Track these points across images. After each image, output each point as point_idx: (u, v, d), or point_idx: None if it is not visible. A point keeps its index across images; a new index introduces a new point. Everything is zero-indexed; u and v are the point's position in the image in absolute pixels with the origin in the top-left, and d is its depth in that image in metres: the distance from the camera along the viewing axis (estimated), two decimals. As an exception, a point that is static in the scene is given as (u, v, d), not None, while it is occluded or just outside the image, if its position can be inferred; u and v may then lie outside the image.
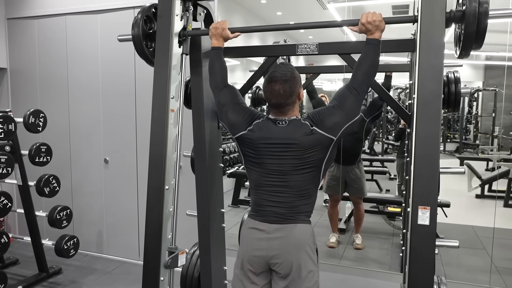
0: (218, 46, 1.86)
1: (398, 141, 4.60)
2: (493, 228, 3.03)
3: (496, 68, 5.19)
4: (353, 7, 3.91)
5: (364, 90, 1.64)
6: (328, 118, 1.61)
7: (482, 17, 1.54)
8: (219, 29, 1.85)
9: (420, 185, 1.55)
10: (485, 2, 1.54)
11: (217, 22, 1.88)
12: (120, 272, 3.55)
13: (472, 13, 1.53)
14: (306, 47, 1.97)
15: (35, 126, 3.13)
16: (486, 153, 5.52)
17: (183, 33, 2.02)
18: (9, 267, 3.58)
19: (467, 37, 1.58)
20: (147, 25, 2.07)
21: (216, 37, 1.86)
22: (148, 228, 1.96)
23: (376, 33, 1.63)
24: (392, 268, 3.32)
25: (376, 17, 1.62)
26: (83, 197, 3.91)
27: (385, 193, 5.13)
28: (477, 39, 1.58)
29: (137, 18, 2.03)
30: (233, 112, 1.74)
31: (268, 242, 1.63)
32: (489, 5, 1.54)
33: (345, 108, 1.60)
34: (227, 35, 1.86)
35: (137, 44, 2.04)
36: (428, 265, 1.54)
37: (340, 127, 1.60)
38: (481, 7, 1.53)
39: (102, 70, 3.68)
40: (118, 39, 2.20)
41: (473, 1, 1.54)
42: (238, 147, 1.76)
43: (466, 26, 1.56)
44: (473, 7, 1.53)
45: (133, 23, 2.03)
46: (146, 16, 2.06)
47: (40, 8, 3.88)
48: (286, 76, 1.62)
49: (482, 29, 1.55)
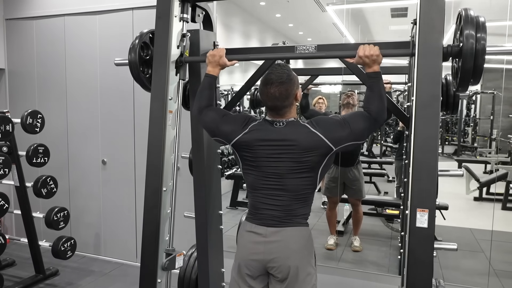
0: (212, 74, 1.82)
1: (397, 144, 4.60)
2: (491, 231, 3.03)
3: (494, 71, 5.20)
4: (352, 10, 3.92)
5: (380, 122, 1.63)
6: (334, 129, 1.60)
7: (479, 54, 1.53)
8: (216, 57, 1.81)
9: (419, 188, 1.55)
10: (482, 39, 1.53)
11: (215, 50, 1.85)
12: (118, 274, 3.53)
13: (469, 50, 1.52)
14: (305, 49, 1.97)
15: (32, 127, 3.12)
16: (484, 156, 5.53)
17: (180, 59, 2.01)
18: (6, 268, 3.56)
19: (464, 73, 1.57)
20: (143, 52, 2.06)
21: (213, 65, 1.82)
22: (146, 230, 1.95)
23: (374, 66, 1.62)
24: (390, 270, 3.32)
25: (373, 51, 1.60)
26: (80, 199, 3.89)
27: (384, 196, 5.13)
28: (475, 75, 1.57)
29: (134, 43, 2.02)
30: (225, 123, 1.72)
31: (265, 245, 1.62)
32: (486, 41, 1.53)
33: (354, 129, 1.60)
34: (225, 63, 1.82)
35: (133, 70, 2.03)
36: (426, 268, 1.54)
37: (343, 142, 1.60)
38: (478, 44, 1.52)
39: (101, 71, 3.68)
40: (115, 63, 2.19)
41: (470, 37, 1.52)
42: (236, 154, 1.73)
43: (463, 62, 1.56)
44: (470, 44, 1.52)
45: (130, 48, 2.02)
46: (143, 42, 2.05)
47: (39, 9, 3.87)
48: (282, 78, 1.60)
49: (479, 65, 1.54)
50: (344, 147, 1.61)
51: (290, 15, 5.01)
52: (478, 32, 1.53)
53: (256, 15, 5.01)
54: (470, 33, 1.53)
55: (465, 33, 1.54)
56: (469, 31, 1.53)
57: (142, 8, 3.41)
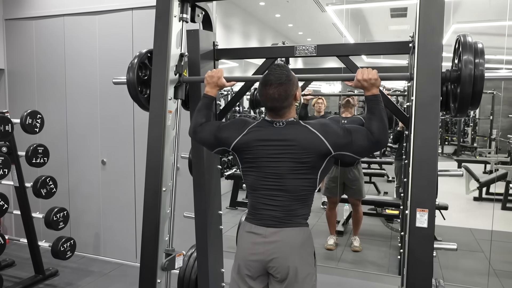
0: (210, 95, 1.83)
1: (396, 144, 4.60)
2: (491, 231, 3.02)
3: (494, 70, 5.20)
4: (351, 10, 3.92)
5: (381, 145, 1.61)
6: (334, 133, 1.60)
7: (477, 80, 1.53)
8: (214, 78, 1.81)
9: (418, 188, 1.55)
10: (480, 65, 1.53)
11: (213, 71, 1.84)
12: (117, 274, 3.53)
13: (468, 76, 1.53)
14: (304, 49, 1.97)
15: (32, 127, 3.12)
16: (484, 156, 5.53)
17: (178, 80, 2.01)
18: (5, 269, 3.56)
19: (463, 99, 1.58)
20: (142, 72, 2.06)
21: (211, 86, 1.82)
22: (145, 230, 1.95)
23: (373, 90, 1.62)
24: (390, 270, 3.32)
25: (371, 75, 1.61)
26: (80, 199, 3.89)
27: (383, 196, 5.13)
28: (473, 101, 1.57)
29: (132, 63, 2.02)
30: (222, 131, 1.73)
31: (265, 246, 1.62)
32: (484, 68, 1.53)
33: (355, 142, 1.59)
34: (223, 84, 1.83)
35: (131, 89, 2.03)
36: (426, 268, 1.54)
37: (341, 149, 1.60)
38: (476, 70, 1.52)
39: (100, 71, 3.68)
40: (113, 82, 2.19)
41: (469, 63, 1.53)
42: (236, 157, 1.72)
43: (461, 88, 1.56)
44: (469, 69, 1.52)
45: (129, 67, 2.02)
46: (141, 62, 2.04)
47: (38, 9, 3.87)
48: (281, 79, 1.60)
49: (478, 91, 1.54)
50: (341, 155, 1.61)
51: (289, 15, 5.01)
52: (477, 58, 1.53)
53: (256, 15, 5.02)
54: (469, 59, 1.53)
55: (463, 59, 1.54)
56: (467, 57, 1.54)
57: (141, 8, 3.41)
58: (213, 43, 2.20)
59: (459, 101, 1.59)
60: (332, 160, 1.64)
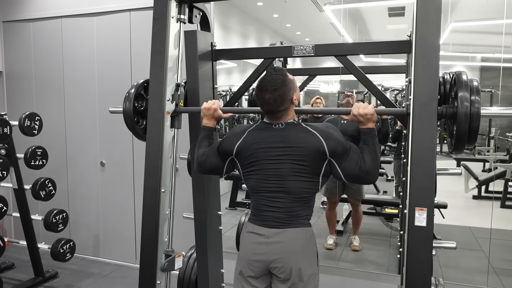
0: (209, 126, 1.85)
1: (395, 143, 4.60)
2: (490, 229, 3.03)
3: (492, 69, 5.21)
4: (349, 9, 3.92)
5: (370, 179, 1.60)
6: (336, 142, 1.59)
7: (474, 118, 1.53)
8: (211, 110, 1.83)
9: (417, 187, 1.55)
10: (476, 102, 1.53)
11: (209, 103, 1.85)
12: (117, 276, 3.53)
13: (464, 113, 1.53)
14: (302, 49, 1.98)
15: (30, 129, 3.11)
16: (483, 154, 5.53)
17: (175, 110, 2.01)
18: (5, 271, 3.56)
19: (459, 136, 1.57)
20: (138, 102, 2.06)
21: (208, 118, 1.84)
22: (145, 231, 1.95)
23: (369, 124, 1.63)
24: (390, 269, 3.32)
25: (367, 110, 1.61)
26: (79, 201, 3.89)
27: (383, 195, 5.13)
28: (470, 138, 1.57)
29: (129, 92, 2.03)
30: (222, 144, 1.74)
31: (268, 246, 1.62)
32: (480, 105, 1.53)
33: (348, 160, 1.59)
34: (219, 115, 1.85)
35: (127, 120, 2.03)
36: (426, 267, 1.54)
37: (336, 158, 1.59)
38: (472, 107, 1.52)
39: (98, 72, 3.67)
40: (110, 111, 2.20)
41: (465, 100, 1.53)
42: (238, 164, 1.72)
43: (458, 125, 1.56)
44: (465, 107, 1.52)
45: (125, 97, 2.03)
46: (138, 93, 2.04)
47: (36, 11, 3.87)
48: (276, 85, 1.59)
49: (474, 129, 1.54)
50: (333, 166, 1.60)
51: (287, 15, 5.01)
52: (472, 96, 1.53)
53: (254, 15, 5.01)
54: (465, 96, 1.53)
55: (459, 97, 1.54)
56: (463, 94, 1.53)
57: (139, 9, 3.41)
58: (211, 43, 2.20)
59: (456, 138, 1.59)
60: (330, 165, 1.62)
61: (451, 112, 1.61)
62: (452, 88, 1.67)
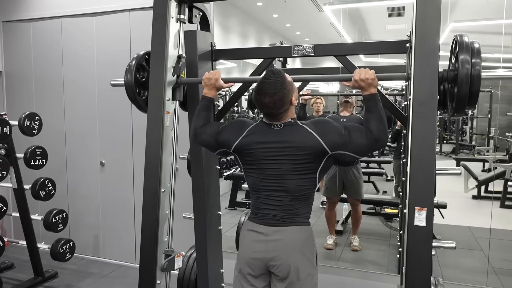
0: (209, 97, 1.83)
1: (395, 143, 4.60)
2: (489, 229, 3.03)
3: (492, 69, 5.21)
4: (349, 9, 3.93)
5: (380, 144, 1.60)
6: (332, 133, 1.60)
7: (475, 80, 1.53)
8: (212, 80, 1.82)
9: (417, 186, 1.56)
10: (477, 65, 1.53)
11: (210, 73, 1.85)
12: (117, 276, 3.53)
13: (465, 75, 1.53)
14: (302, 49, 1.98)
15: (30, 129, 3.11)
16: (482, 154, 5.54)
17: (176, 81, 2.01)
18: (4, 271, 3.55)
19: (460, 99, 1.58)
20: (140, 74, 2.06)
21: (209, 88, 1.83)
22: (144, 231, 1.95)
23: (371, 89, 1.62)
24: (390, 269, 3.32)
25: (369, 75, 1.60)
26: (79, 200, 3.89)
27: (382, 195, 5.14)
28: (471, 101, 1.57)
29: (130, 64, 2.02)
30: (222, 133, 1.74)
31: (267, 244, 1.63)
32: (481, 67, 1.53)
33: (353, 142, 1.59)
34: (221, 85, 1.83)
35: (129, 91, 2.02)
36: (425, 266, 1.54)
37: (339, 149, 1.59)
38: (473, 69, 1.52)
39: (98, 72, 3.67)
40: (111, 84, 2.19)
41: (466, 63, 1.53)
42: (237, 158, 1.74)
43: (459, 88, 1.56)
44: (466, 69, 1.52)
45: (126, 69, 2.02)
46: (139, 64, 2.04)
47: (36, 11, 3.86)
48: (275, 88, 1.58)
49: (475, 91, 1.54)
50: (340, 155, 1.60)
51: (287, 15, 5.01)
52: (473, 58, 1.53)
53: (253, 15, 5.02)
54: (466, 58, 1.53)
55: (460, 59, 1.54)
56: (464, 57, 1.53)
57: (139, 9, 3.41)
58: (211, 43, 2.20)
59: (456, 101, 1.59)
60: (331, 160, 1.64)
61: (452, 76, 1.61)
62: (453, 52, 1.67)
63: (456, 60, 1.59)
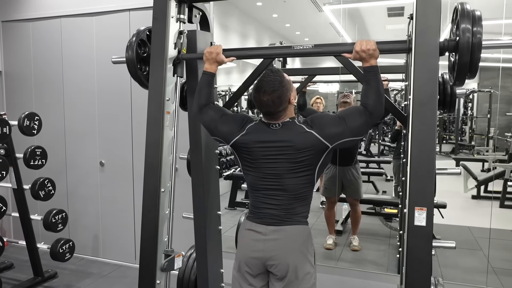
0: (210, 71, 1.83)
1: (394, 143, 4.61)
2: (489, 229, 3.03)
3: (491, 69, 5.22)
4: (348, 9, 3.93)
5: (376, 116, 1.61)
6: (328, 126, 1.60)
7: (475, 48, 1.53)
8: (213, 54, 1.81)
9: (417, 186, 1.55)
10: (478, 33, 1.52)
11: (212, 47, 1.84)
12: (116, 276, 3.53)
13: (466, 44, 1.52)
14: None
15: (30, 129, 3.11)
16: (482, 154, 5.55)
17: (177, 57, 2.00)
18: (4, 271, 3.55)
19: (461, 67, 1.57)
20: (141, 49, 2.06)
21: (210, 62, 1.82)
22: (144, 231, 1.95)
23: (371, 61, 1.62)
24: (389, 269, 3.32)
25: (370, 45, 1.60)
26: (78, 200, 3.88)
27: (382, 195, 5.14)
28: (471, 70, 1.57)
29: (131, 41, 2.02)
30: (223, 124, 1.74)
31: (265, 243, 1.63)
32: (482, 35, 1.53)
33: (350, 126, 1.59)
34: (222, 59, 1.82)
35: (130, 67, 2.02)
36: (425, 266, 1.54)
37: (339, 138, 1.60)
38: (474, 38, 1.52)
39: (98, 72, 3.67)
40: (112, 61, 2.19)
41: (467, 31, 1.52)
42: (235, 154, 1.75)
43: (459, 56, 1.56)
44: (467, 37, 1.52)
45: (127, 46, 2.02)
46: (140, 40, 2.04)
47: (35, 11, 3.86)
48: (274, 86, 1.59)
49: (475, 59, 1.54)
50: (341, 143, 1.60)
51: (287, 15, 5.02)
52: (474, 26, 1.53)
53: (253, 15, 5.02)
54: (467, 27, 1.52)
55: (461, 27, 1.54)
56: (465, 25, 1.53)
57: (138, 9, 3.40)
58: (211, 43, 2.20)
59: (457, 70, 1.59)
60: (330, 154, 1.65)
61: (453, 45, 1.60)
62: (454, 21, 1.66)
63: (457, 29, 1.58)
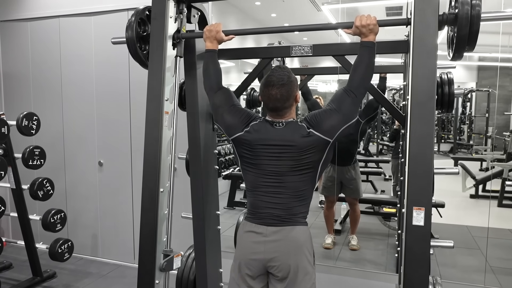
0: (212, 48, 1.85)
1: (393, 142, 4.62)
2: (487, 228, 3.04)
3: (489, 69, 5.23)
4: (347, 9, 3.93)
5: (361, 93, 1.64)
6: (325, 121, 1.61)
7: (474, 20, 1.54)
8: (213, 32, 1.83)
9: (415, 186, 1.56)
10: (477, 5, 1.54)
11: (211, 25, 1.87)
12: (115, 276, 3.52)
13: (465, 16, 1.54)
14: (300, 49, 1.98)
15: (28, 129, 3.11)
16: (480, 154, 5.56)
17: (177, 35, 2.01)
18: (3, 271, 3.55)
19: (459, 39, 1.59)
20: (141, 28, 2.06)
21: (210, 40, 1.84)
22: (143, 231, 1.95)
23: (370, 36, 1.63)
24: (388, 268, 3.33)
25: (370, 20, 1.62)
26: (77, 200, 3.88)
27: (380, 194, 5.15)
28: (470, 42, 1.59)
29: (130, 20, 2.02)
30: (229, 114, 1.74)
31: (266, 245, 1.63)
32: (481, 8, 1.55)
33: (342, 111, 1.61)
34: (221, 37, 1.85)
35: (131, 47, 2.03)
36: (423, 266, 1.55)
37: (336, 129, 1.61)
38: (473, 10, 1.54)
39: (96, 72, 3.67)
40: (112, 41, 2.19)
41: (466, 4, 1.54)
42: (234, 148, 1.75)
43: (458, 29, 1.57)
44: (466, 10, 1.54)
45: (127, 26, 2.02)
46: (140, 18, 2.05)
47: (33, 11, 3.85)
48: (283, 80, 1.62)
49: (474, 31, 1.56)
50: (340, 133, 1.62)
51: (285, 14, 5.01)
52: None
53: (252, 15, 5.01)
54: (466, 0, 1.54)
55: (460, 1, 1.55)
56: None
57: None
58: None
59: (456, 42, 1.60)
60: (332, 149, 1.66)
61: (452, 18, 1.62)
62: None
63: (456, 1, 1.60)
